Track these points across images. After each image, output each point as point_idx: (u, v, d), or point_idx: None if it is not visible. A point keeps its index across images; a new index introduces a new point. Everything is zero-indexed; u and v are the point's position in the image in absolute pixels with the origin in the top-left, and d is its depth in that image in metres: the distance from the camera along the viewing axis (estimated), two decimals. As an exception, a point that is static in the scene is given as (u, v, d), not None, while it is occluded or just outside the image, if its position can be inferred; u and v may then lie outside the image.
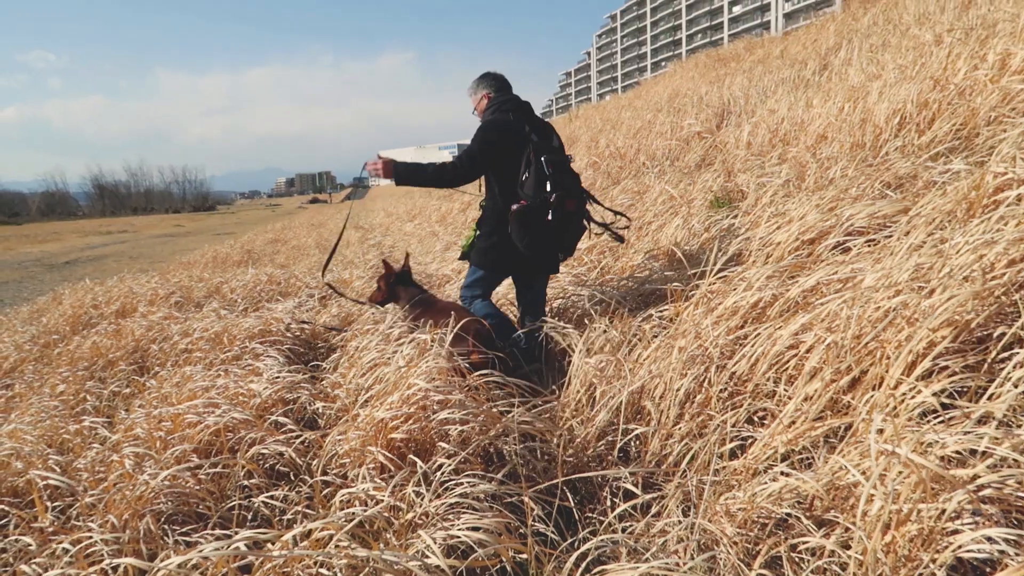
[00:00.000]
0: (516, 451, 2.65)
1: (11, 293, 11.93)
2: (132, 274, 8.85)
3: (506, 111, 3.95)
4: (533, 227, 3.78)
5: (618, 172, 9.25)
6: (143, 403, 3.42)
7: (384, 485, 2.30)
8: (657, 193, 6.45)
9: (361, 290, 6.54)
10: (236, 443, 2.73)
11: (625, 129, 11.71)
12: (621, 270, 4.99)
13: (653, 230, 5.46)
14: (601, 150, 11.20)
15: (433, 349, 3.08)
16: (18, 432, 2.98)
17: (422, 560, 1.79)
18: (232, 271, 9.27)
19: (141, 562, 1.74)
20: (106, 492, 2.34)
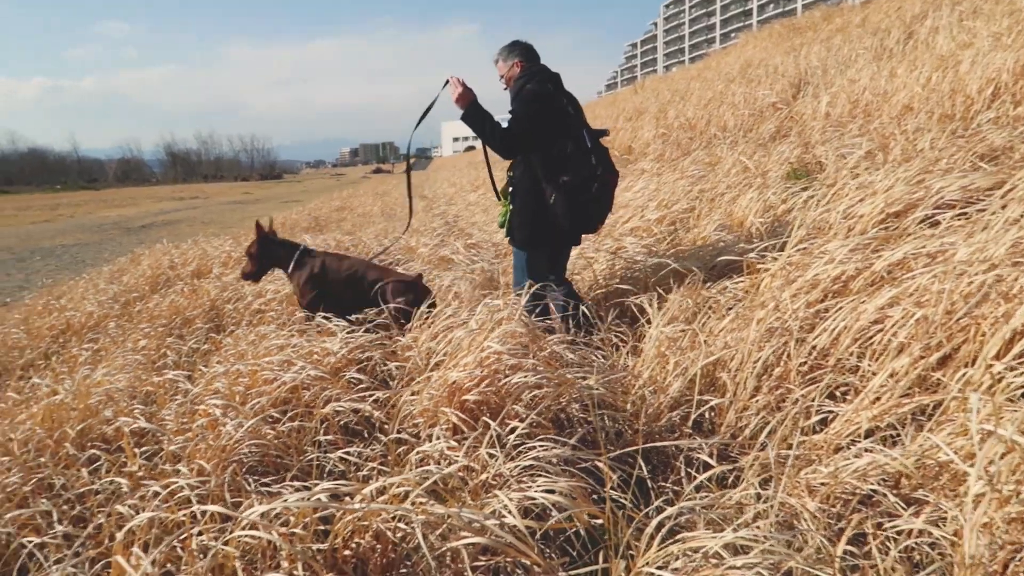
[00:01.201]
0: (587, 418, 2.64)
1: (92, 254, 12.45)
2: (205, 237, 9.09)
3: (544, 82, 3.82)
4: (578, 202, 3.73)
5: (688, 143, 9.05)
6: (220, 359, 3.52)
7: (457, 445, 2.31)
8: (730, 164, 6.28)
9: (427, 257, 6.58)
10: (312, 400, 2.79)
11: (695, 100, 11.43)
12: (692, 241, 4.89)
13: (726, 202, 5.32)
14: (670, 122, 10.97)
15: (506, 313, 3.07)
16: (105, 382, 3.10)
17: (499, 520, 1.79)
18: (300, 237, 9.44)
19: (227, 510, 1.79)
20: (190, 441, 2.41)
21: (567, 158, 3.73)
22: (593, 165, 3.77)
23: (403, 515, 1.83)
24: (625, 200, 6.63)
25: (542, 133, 3.71)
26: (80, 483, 2.24)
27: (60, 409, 2.73)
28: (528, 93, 3.74)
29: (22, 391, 3.25)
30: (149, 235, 15.46)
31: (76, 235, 17.05)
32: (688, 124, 10.10)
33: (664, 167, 7.93)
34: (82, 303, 5.76)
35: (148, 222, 20.76)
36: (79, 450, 2.49)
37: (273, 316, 4.62)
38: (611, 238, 5.42)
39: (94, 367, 3.46)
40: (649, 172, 7.91)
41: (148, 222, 20.76)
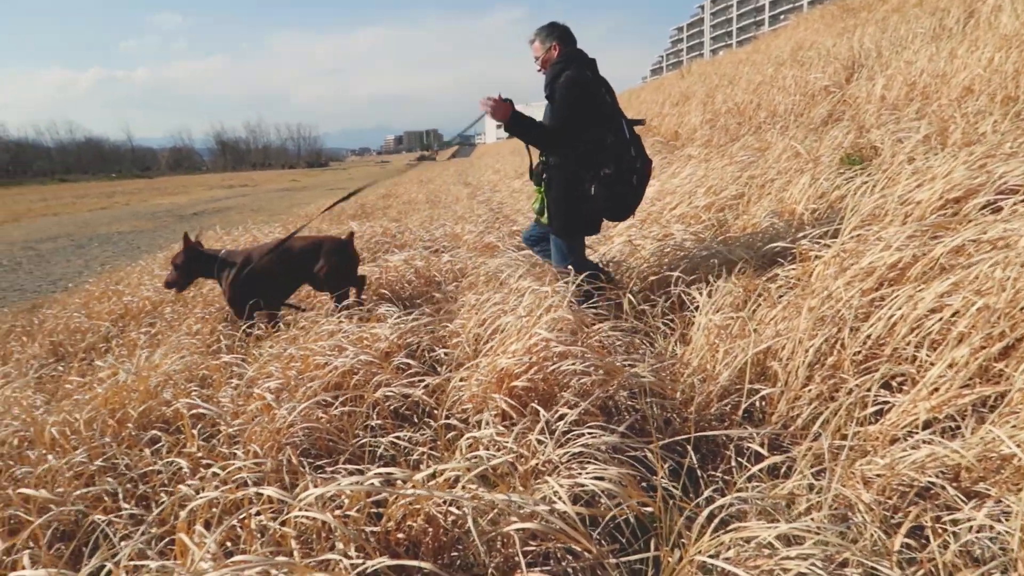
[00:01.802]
0: (635, 405, 2.63)
1: (147, 241, 12.79)
2: (256, 224, 9.26)
3: (582, 68, 3.78)
4: (617, 194, 3.74)
5: (736, 129, 8.89)
6: (272, 344, 3.59)
7: (506, 431, 2.33)
8: (780, 150, 6.16)
9: (472, 243, 6.61)
10: (362, 384, 2.83)
11: (744, 84, 11.21)
12: (742, 228, 4.82)
13: (777, 188, 5.22)
14: (718, 106, 10.79)
15: (555, 300, 3.08)
16: (162, 365, 3.19)
17: (550, 506, 1.80)
18: (347, 224, 9.56)
19: (283, 493, 1.83)
20: (246, 424, 2.47)
21: (607, 149, 3.72)
22: (633, 157, 3.78)
23: (455, 500, 1.85)
24: (672, 186, 6.56)
25: (581, 120, 3.69)
26: (143, 463, 2.32)
27: (122, 391, 2.82)
28: (567, 80, 3.69)
29: (85, 373, 3.36)
30: (201, 222, 15.82)
31: (131, 222, 17.53)
32: (737, 109, 9.91)
33: (712, 153, 7.81)
34: (139, 288, 5.92)
35: (200, 209, 21.22)
36: (141, 431, 2.57)
37: (321, 302, 4.69)
38: (658, 225, 5.37)
39: (152, 350, 3.56)
40: (697, 158, 7.81)
41: (200, 209, 21.22)
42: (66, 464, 2.25)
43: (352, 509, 1.86)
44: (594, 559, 1.77)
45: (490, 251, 6.00)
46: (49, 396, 3.06)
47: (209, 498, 1.89)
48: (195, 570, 1.56)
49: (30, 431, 2.51)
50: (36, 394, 3.09)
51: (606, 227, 6.09)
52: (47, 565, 1.70)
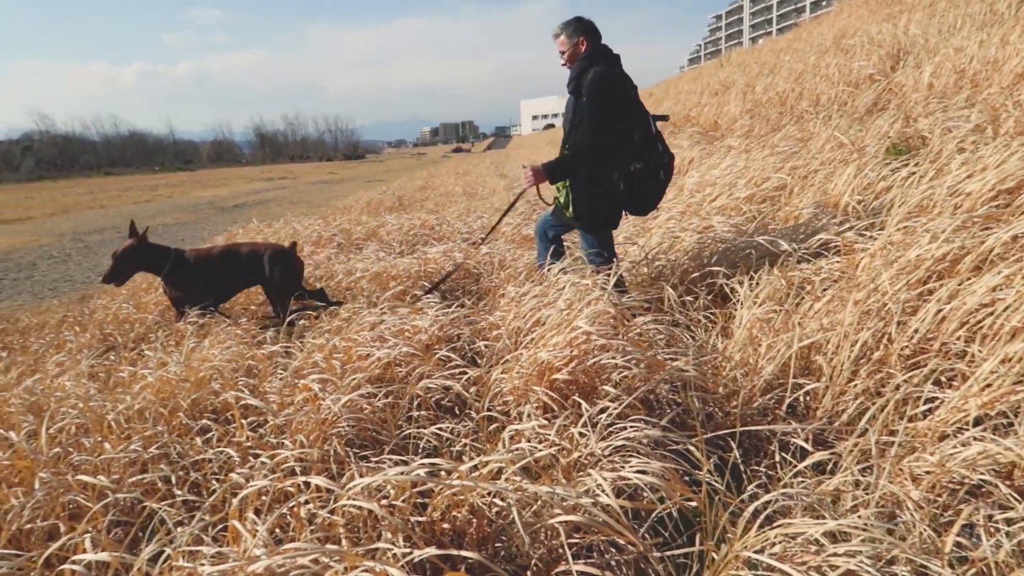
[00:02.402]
0: (676, 399, 2.63)
1: (190, 232, 13.02)
2: (295, 217, 9.38)
3: (610, 64, 3.81)
4: (647, 187, 3.82)
5: (778, 118, 8.75)
6: (315, 335, 3.65)
7: (548, 424, 2.34)
8: (824, 140, 6.05)
9: (510, 236, 6.62)
10: (404, 376, 2.86)
11: (785, 73, 11.01)
12: (784, 220, 4.76)
13: (820, 179, 5.13)
14: (758, 96, 10.62)
15: (595, 294, 3.07)
16: (210, 357, 3.25)
17: (594, 499, 1.80)
18: (384, 216, 9.65)
19: (331, 482, 1.86)
20: (293, 414, 2.52)
21: (635, 145, 3.77)
22: (660, 153, 3.84)
23: (499, 492, 1.86)
24: (712, 177, 6.49)
25: (610, 116, 3.72)
26: (194, 451, 2.38)
27: (172, 381, 2.90)
28: (597, 77, 3.70)
29: (135, 363, 3.45)
30: (242, 214, 16.06)
31: (175, 215, 17.88)
32: (778, 98, 9.75)
33: (753, 143, 7.70)
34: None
35: (240, 202, 21.54)
36: (191, 420, 2.64)
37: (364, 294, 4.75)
38: (698, 217, 5.33)
39: (199, 341, 3.63)
40: (737, 149, 7.71)
41: (240, 202, 21.54)
42: (122, 451, 2.32)
43: (398, 499, 1.89)
44: (638, 553, 1.78)
45: (528, 243, 6.01)
46: (102, 385, 3.15)
47: (259, 487, 1.94)
48: (248, 556, 1.60)
49: (86, 419, 2.58)
50: (90, 382, 3.18)
51: (644, 219, 6.06)
52: (106, 549, 1.75)
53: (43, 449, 2.35)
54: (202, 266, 4.40)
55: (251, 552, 1.59)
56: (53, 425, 2.56)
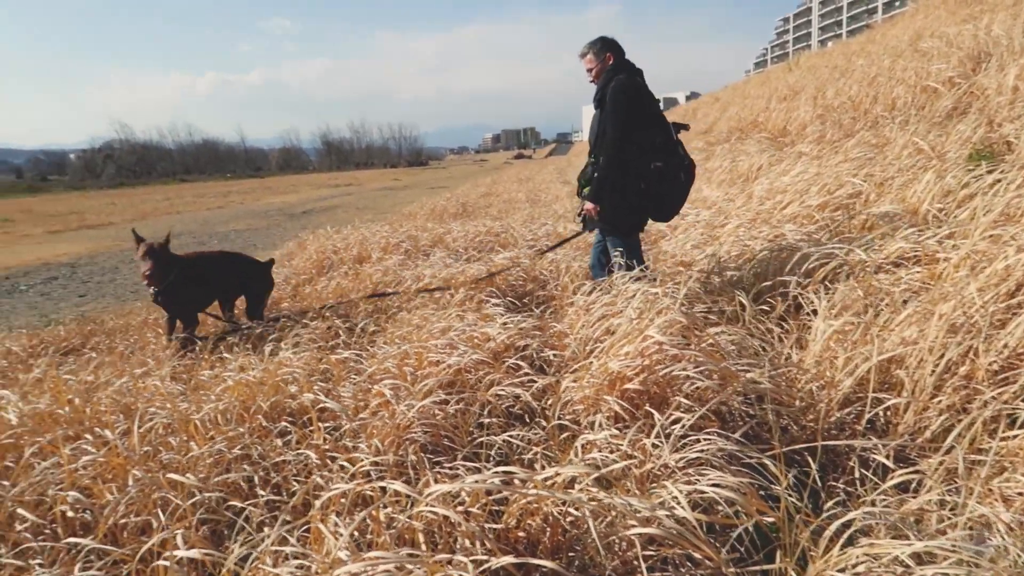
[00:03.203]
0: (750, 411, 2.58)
1: (262, 238, 13.41)
2: (363, 223, 9.57)
3: (633, 74, 4.10)
4: (666, 187, 4.04)
5: (851, 124, 8.51)
6: (387, 341, 3.72)
7: (620, 434, 2.33)
8: (901, 146, 5.86)
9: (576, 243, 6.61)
10: (475, 383, 2.89)
11: (858, 77, 10.71)
12: (859, 229, 4.63)
13: (897, 186, 4.98)
14: (829, 101, 10.37)
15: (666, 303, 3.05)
16: (286, 362, 3.35)
17: (670, 511, 1.79)
18: (449, 222, 9.75)
19: (409, 488, 1.89)
20: (368, 418, 2.57)
21: (657, 148, 4.01)
22: (681, 155, 4.08)
23: (574, 502, 1.87)
24: (782, 185, 6.36)
25: (634, 120, 3.97)
26: (275, 453, 2.45)
27: (251, 384, 2.99)
28: (618, 84, 3.99)
29: (214, 365, 3.57)
30: (310, 220, 16.47)
31: (246, 221, 18.44)
32: (851, 103, 9.49)
33: (825, 149, 7.52)
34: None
35: (309, 208, 22.09)
36: (270, 422, 2.72)
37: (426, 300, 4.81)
38: (768, 225, 5.23)
39: (275, 345, 3.74)
40: (808, 155, 7.54)
41: (309, 208, 22.09)
42: (207, 451, 2.41)
43: (474, 506, 1.91)
44: (715, 567, 1.75)
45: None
46: (185, 386, 3.27)
47: (341, 490, 1.98)
48: (332, 560, 1.65)
49: (173, 419, 2.69)
50: (174, 384, 3.31)
51: (712, 226, 5.98)
52: (196, 546, 1.82)
53: (135, 447, 2.45)
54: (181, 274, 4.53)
55: (335, 555, 1.63)
56: (143, 425, 2.67)
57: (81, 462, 2.42)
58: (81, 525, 2.18)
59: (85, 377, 3.49)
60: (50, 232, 18.87)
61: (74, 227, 20.18)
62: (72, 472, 2.34)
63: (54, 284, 9.66)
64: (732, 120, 15.77)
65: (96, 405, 2.95)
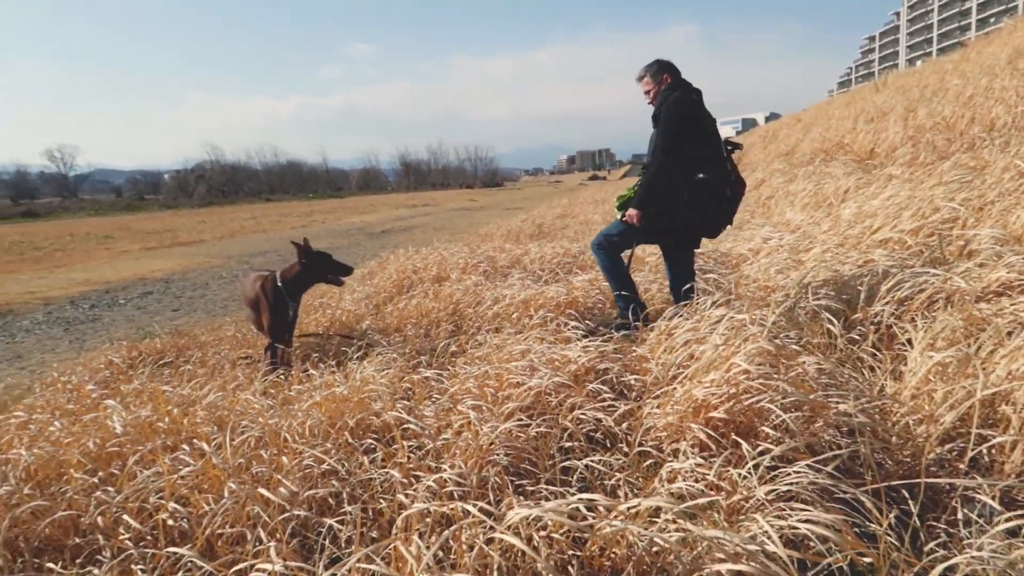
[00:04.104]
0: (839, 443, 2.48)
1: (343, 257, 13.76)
2: (441, 243, 9.71)
3: (688, 91, 4.23)
4: (709, 199, 4.13)
5: (945, 145, 8.18)
6: (467, 361, 3.75)
7: (705, 463, 2.28)
8: (1002, 168, 5.59)
9: (654, 265, 6.54)
10: (556, 406, 2.88)
11: (952, 96, 10.31)
12: (956, 255, 4.42)
13: (998, 211, 4.75)
14: (921, 122, 10.00)
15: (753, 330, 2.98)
16: (370, 379, 3.41)
17: (760, 546, 1.73)
18: (526, 243, 9.80)
19: (490, 510, 1.90)
20: (452, 439, 2.60)
21: (704, 161, 4.13)
22: (728, 170, 4.20)
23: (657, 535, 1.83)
24: (871, 208, 6.15)
25: (687, 134, 4.10)
26: (361, 470, 2.49)
27: (337, 400, 3.06)
28: (674, 101, 4.14)
29: (302, 381, 3.67)
30: (389, 240, 16.83)
31: (328, 240, 18.98)
32: (945, 124, 9.13)
33: (917, 172, 7.24)
34: (341, 302, 6.40)
35: (387, 227, 22.58)
36: (356, 439, 2.77)
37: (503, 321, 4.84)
38: (857, 250, 5.06)
39: (359, 362, 3.82)
40: (899, 178, 7.27)
41: (387, 227, 22.58)
42: (296, 466, 2.47)
43: (557, 532, 1.90)
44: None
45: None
46: (275, 401, 3.37)
47: (421, 509, 2.00)
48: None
49: (264, 433, 2.78)
50: (263, 398, 3.41)
51: (796, 251, 5.82)
52: (287, 559, 1.87)
53: (228, 459, 2.54)
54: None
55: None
56: (236, 438, 2.77)
57: (180, 472, 2.52)
58: (179, 533, 2.27)
59: (181, 391, 3.64)
60: (146, 249, 19.88)
61: (168, 244, 21.21)
62: (171, 482, 2.44)
63: (149, 298, 10.15)
64: (815, 141, 15.37)
65: (193, 417, 3.08)
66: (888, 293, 3.81)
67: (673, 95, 4.18)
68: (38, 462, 2.78)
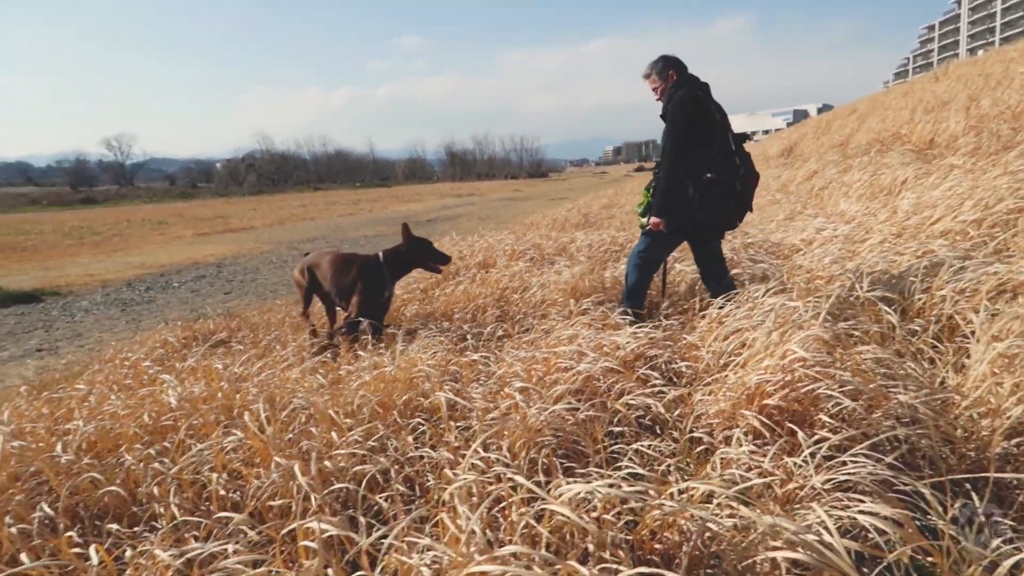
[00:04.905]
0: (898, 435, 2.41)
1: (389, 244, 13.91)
2: (487, 232, 9.72)
3: (694, 88, 4.19)
4: (717, 198, 4.07)
5: (1011, 135, 7.88)
6: (514, 346, 3.74)
7: (758, 450, 2.23)
8: (1073, 158, 5.36)
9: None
10: (605, 391, 2.85)
11: (1018, 85, 9.93)
12: (1022, 247, 4.25)
13: (1072, 201, 4.55)
14: (984, 111, 9.64)
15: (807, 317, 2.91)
16: (417, 360, 3.43)
17: (817, 536, 1.68)
18: (573, 232, 9.75)
19: (539, 489, 1.88)
20: (499, 420, 2.59)
21: (712, 159, 4.07)
22: (736, 166, 4.13)
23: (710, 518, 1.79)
24: (931, 199, 5.96)
25: (693, 131, 4.05)
26: (408, 448, 2.50)
27: (386, 380, 3.08)
28: (680, 98, 4.09)
29: (351, 362, 3.70)
30: (435, 228, 16.94)
31: (375, 227, 19.19)
32: (1010, 113, 8.79)
33: (980, 162, 6.99)
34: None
35: (433, 216, 22.72)
36: (404, 418, 2.78)
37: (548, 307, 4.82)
38: (916, 241, 4.91)
39: (407, 344, 3.84)
40: (961, 168, 7.02)
41: (433, 216, 22.72)
42: (344, 442, 2.49)
43: (607, 513, 1.87)
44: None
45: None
46: (324, 380, 3.40)
47: (468, 482, 2.00)
48: (461, 553, 1.66)
49: (314, 410, 2.81)
50: (314, 377, 3.46)
51: (852, 241, 5.68)
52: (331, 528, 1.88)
53: (277, 434, 2.58)
54: None
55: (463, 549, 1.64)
56: (286, 414, 2.81)
57: (230, 446, 2.56)
58: (232, 505, 2.31)
59: (235, 369, 3.71)
60: (199, 234, 20.34)
61: (219, 230, 21.68)
62: (222, 454, 2.49)
63: (202, 282, 10.39)
64: (871, 132, 14.94)
65: (244, 394, 3.13)
66: (949, 284, 3.68)
67: (679, 93, 4.14)
68: (97, 434, 2.86)
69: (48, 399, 3.65)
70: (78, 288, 10.38)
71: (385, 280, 4.70)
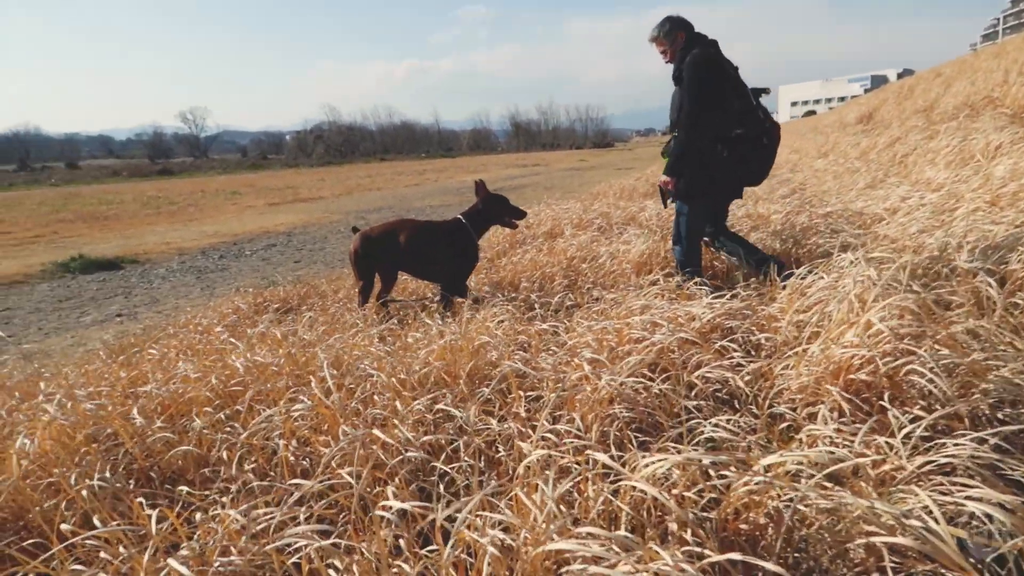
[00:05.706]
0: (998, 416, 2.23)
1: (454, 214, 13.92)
2: (555, 201, 9.60)
3: (707, 46, 4.11)
4: (750, 152, 4.09)
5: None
6: (583, 316, 3.65)
7: (844, 428, 2.10)
8: None
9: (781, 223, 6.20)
10: (679, 363, 2.74)
11: None
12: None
13: None
14: (1091, 71, 8.96)
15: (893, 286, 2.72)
16: (484, 329, 3.37)
17: (920, 521, 1.56)
18: (641, 201, 9.54)
19: (613, 463, 1.80)
20: (569, 390, 2.51)
21: (736, 114, 4.06)
22: (762, 119, 4.12)
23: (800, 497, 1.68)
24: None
25: (712, 91, 3.99)
26: (477, 418, 2.45)
27: (453, 349, 3.03)
28: (693, 58, 4.02)
29: (417, 329, 3.67)
30: (500, 198, 16.86)
31: (440, 197, 19.25)
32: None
33: None
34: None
35: (498, 187, 22.58)
36: (470, 387, 2.73)
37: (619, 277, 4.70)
38: (1014, 209, 4.59)
39: (474, 313, 3.79)
40: (1063, 132, 6.55)
41: (498, 187, 22.58)
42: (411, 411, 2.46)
43: (688, 491, 1.78)
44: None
45: (806, 233, 5.57)
46: (392, 348, 3.38)
47: (543, 456, 1.94)
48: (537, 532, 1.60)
49: (381, 378, 2.78)
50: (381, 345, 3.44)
51: (940, 210, 5.36)
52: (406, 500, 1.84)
53: (346, 403, 2.56)
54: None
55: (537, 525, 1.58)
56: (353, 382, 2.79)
57: (297, 412, 2.56)
58: (301, 472, 2.31)
59: (303, 335, 3.73)
60: (270, 204, 20.77)
61: (289, 200, 22.10)
62: (290, 420, 2.48)
63: (273, 250, 10.59)
64: (959, 96, 14.10)
65: (312, 360, 3.13)
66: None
67: (693, 53, 4.06)
68: (170, 397, 2.91)
69: (124, 362, 3.74)
70: (156, 256, 10.72)
71: (475, 241, 4.66)
